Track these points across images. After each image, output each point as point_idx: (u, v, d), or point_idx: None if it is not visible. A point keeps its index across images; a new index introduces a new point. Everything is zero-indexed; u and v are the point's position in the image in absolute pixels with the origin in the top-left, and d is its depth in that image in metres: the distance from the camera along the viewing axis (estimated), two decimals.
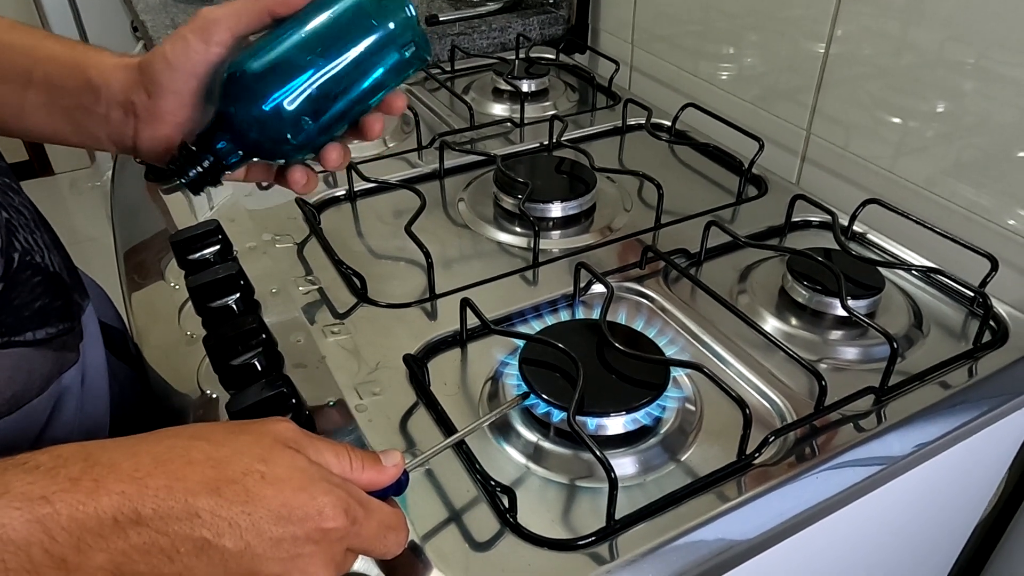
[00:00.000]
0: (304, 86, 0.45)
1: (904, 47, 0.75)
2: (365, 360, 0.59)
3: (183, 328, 0.64)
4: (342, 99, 0.47)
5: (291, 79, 0.45)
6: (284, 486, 0.35)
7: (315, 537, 0.35)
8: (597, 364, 0.55)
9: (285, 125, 0.45)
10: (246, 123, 0.45)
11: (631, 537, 0.46)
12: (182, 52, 0.45)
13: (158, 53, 0.46)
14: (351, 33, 0.46)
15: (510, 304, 0.65)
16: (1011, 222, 0.69)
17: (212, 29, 0.45)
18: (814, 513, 0.51)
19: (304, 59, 0.45)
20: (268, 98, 0.44)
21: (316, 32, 0.46)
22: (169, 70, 0.46)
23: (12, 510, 0.30)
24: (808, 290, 0.65)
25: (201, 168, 0.45)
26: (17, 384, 0.44)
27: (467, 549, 0.46)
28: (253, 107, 0.44)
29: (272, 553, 0.34)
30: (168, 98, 0.46)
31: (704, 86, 1.01)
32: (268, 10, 0.46)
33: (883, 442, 0.54)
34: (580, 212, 0.79)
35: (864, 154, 0.81)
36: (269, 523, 0.34)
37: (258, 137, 0.45)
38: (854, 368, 0.61)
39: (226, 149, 0.45)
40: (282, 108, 0.45)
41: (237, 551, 0.33)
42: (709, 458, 0.52)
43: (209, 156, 0.45)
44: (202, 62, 0.46)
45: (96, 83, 0.47)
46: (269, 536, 0.34)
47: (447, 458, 0.51)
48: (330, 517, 0.35)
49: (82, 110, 0.48)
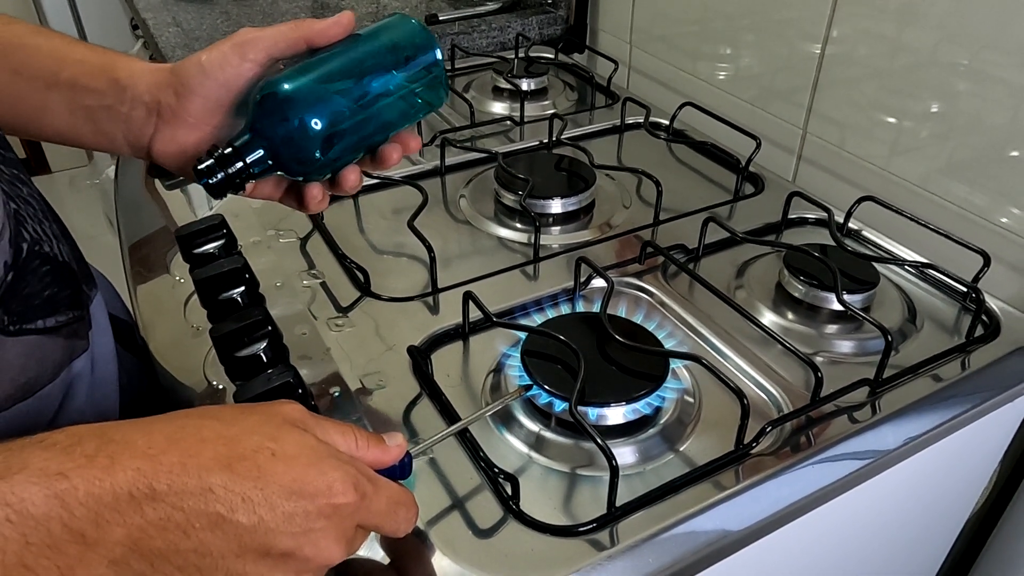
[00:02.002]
0: (334, 111, 0.48)
1: (899, 48, 0.76)
2: (369, 352, 0.60)
3: (189, 321, 0.64)
4: (366, 127, 0.50)
5: (323, 103, 0.48)
6: (294, 462, 0.36)
7: (326, 512, 0.36)
8: (598, 356, 0.56)
9: (312, 144, 0.48)
10: (277, 138, 0.47)
11: (631, 524, 0.47)
12: (218, 62, 0.48)
13: (193, 59, 0.48)
14: (382, 69, 0.50)
15: (511, 298, 0.66)
16: (1003, 219, 0.70)
17: (250, 47, 0.48)
18: (809, 502, 0.52)
19: (337, 87, 0.48)
20: (300, 118, 0.47)
21: (350, 64, 0.49)
22: (202, 75, 0.48)
23: (31, 485, 0.30)
24: (804, 285, 0.66)
25: (228, 173, 0.47)
26: (30, 371, 0.45)
27: (471, 535, 0.47)
28: (286, 124, 0.47)
29: (285, 527, 0.35)
30: (196, 102, 0.48)
31: (702, 86, 1.02)
32: (306, 39, 0.48)
33: (877, 433, 0.55)
34: (580, 208, 0.80)
35: (859, 153, 0.83)
36: (281, 498, 0.35)
37: (286, 152, 0.48)
38: (849, 361, 0.62)
39: (255, 159, 0.47)
40: (312, 128, 0.47)
41: (250, 525, 0.34)
42: (707, 448, 0.53)
43: (239, 163, 0.47)
44: (235, 75, 0.48)
45: (124, 82, 0.49)
46: (281, 511, 0.35)
47: (451, 447, 0.52)
48: (340, 492, 0.36)
49: (104, 110, 0.50)
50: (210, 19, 1.24)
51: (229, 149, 0.47)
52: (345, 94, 0.48)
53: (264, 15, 1.26)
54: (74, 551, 0.31)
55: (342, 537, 0.37)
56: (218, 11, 1.29)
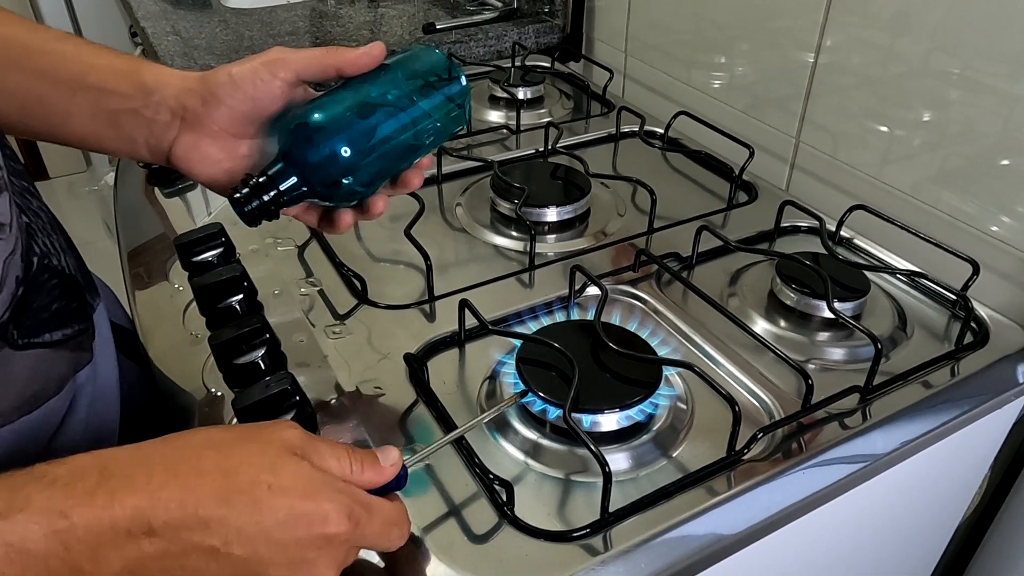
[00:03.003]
0: (364, 141, 0.50)
1: (891, 58, 0.77)
2: (366, 359, 0.61)
3: (187, 328, 0.65)
4: (394, 155, 0.52)
5: (354, 133, 0.49)
6: (290, 494, 0.36)
7: (319, 543, 0.37)
8: (592, 363, 0.57)
9: (342, 172, 0.49)
10: (309, 166, 0.49)
11: (624, 529, 0.48)
12: (249, 77, 0.49)
13: (224, 70, 0.49)
14: (411, 100, 0.52)
15: (507, 306, 0.67)
16: (993, 228, 0.71)
17: (281, 66, 0.49)
18: (801, 507, 0.53)
19: (367, 118, 0.50)
20: (331, 147, 0.48)
21: (380, 95, 0.51)
22: (231, 86, 0.49)
23: (32, 524, 0.32)
24: (796, 293, 0.67)
25: (264, 200, 0.49)
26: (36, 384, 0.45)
27: (466, 541, 0.47)
28: (317, 153, 0.48)
29: (279, 558, 0.36)
30: (222, 111, 0.49)
31: (696, 94, 1.03)
32: (336, 67, 0.50)
33: (867, 439, 0.56)
34: (575, 217, 0.80)
35: (852, 162, 0.83)
36: (276, 530, 0.35)
37: (317, 180, 0.49)
38: (840, 368, 0.63)
39: (288, 187, 0.49)
40: (342, 156, 0.49)
41: (245, 557, 0.35)
42: (699, 454, 0.54)
43: (273, 191, 0.49)
44: (265, 92, 0.49)
45: (150, 86, 0.50)
46: (276, 541, 0.35)
47: (447, 454, 0.53)
48: (334, 522, 0.37)
49: (129, 113, 0.50)
50: (209, 28, 1.25)
51: (263, 178, 0.49)
52: (375, 124, 0.50)
53: (263, 24, 1.27)
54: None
55: (334, 563, 0.38)
56: (216, 20, 1.29)
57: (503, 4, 1.35)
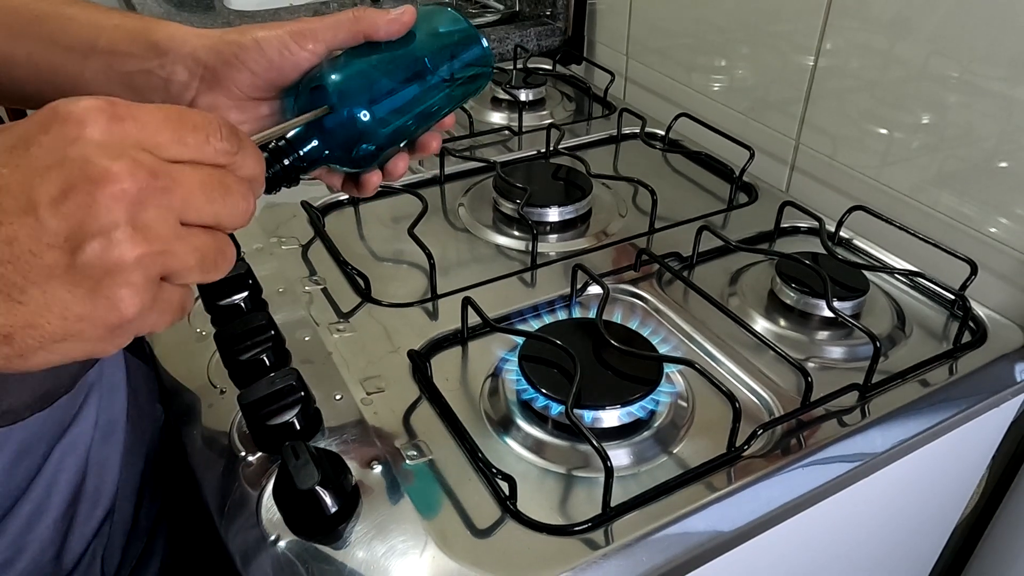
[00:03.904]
0: (384, 104, 0.48)
1: (890, 61, 0.77)
2: (370, 356, 0.61)
3: (193, 326, 0.66)
4: (414, 118, 0.51)
5: (374, 96, 0.48)
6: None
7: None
8: (593, 360, 0.58)
9: (362, 135, 0.48)
10: (328, 130, 0.47)
11: (625, 524, 0.49)
12: (276, 45, 0.47)
13: (249, 33, 0.47)
14: (433, 63, 0.51)
15: (509, 304, 0.68)
16: (991, 229, 0.71)
17: (310, 37, 0.47)
18: (799, 503, 0.53)
19: (388, 80, 0.49)
20: (350, 110, 0.47)
21: (402, 57, 0.50)
22: (257, 52, 0.47)
23: None
24: (796, 292, 0.67)
25: (284, 166, 0.47)
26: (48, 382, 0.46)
27: (469, 534, 0.48)
28: (336, 116, 0.47)
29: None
30: (245, 76, 0.47)
31: (697, 97, 1.04)
32: (364, 33, 0.48)
33: (866, 437, 0.56)
34: (576, 217, 0.81)
35: (851, 163, 0.84)
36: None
37: (337, 143, 0.48)
38: (839, 366, 0.63)
39: (307, 151, 0.47)
40: (361, 120, 0.48)
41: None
42: (700, 450, 0.55)
43: (292, 155, 0.47)
44: (291, 62, 0.47)
45: (163, 45, 0.47)
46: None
47: (450, 448, 0.53)
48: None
49: (143, 75, 0.48)
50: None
51: (283, 142, 0.47)
52: (396, 87, 0.49)
53: None
54: None
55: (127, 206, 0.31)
56: (220, 22, 1.30)
57: (505, 7, 1.35)
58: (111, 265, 0.30)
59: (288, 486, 0.47)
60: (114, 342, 0.32)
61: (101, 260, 0.30)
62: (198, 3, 1.43)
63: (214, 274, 0.34)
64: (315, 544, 0.47)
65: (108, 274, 0.30)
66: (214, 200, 0.33)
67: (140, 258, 0.30)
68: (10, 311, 0.29)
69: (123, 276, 0.30)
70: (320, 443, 0.53)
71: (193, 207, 0.32)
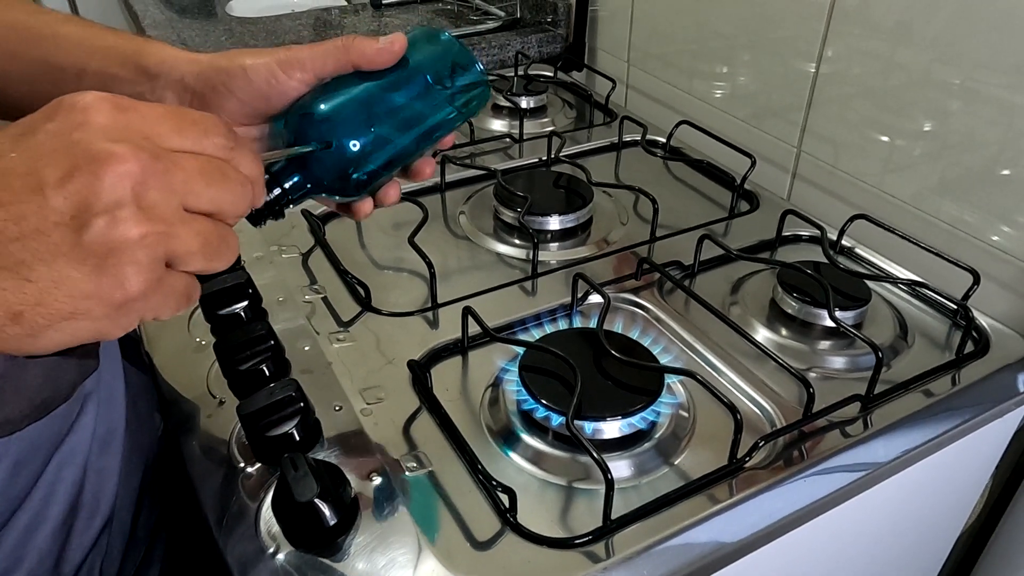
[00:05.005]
0: (373, 133, 0.47)
1: (892, 68, 0.77)
2: (370, 366, 0.61)
3: (192, 335, 0.65)
4: (405, 146, 0.50)
5: (362, 125, 0.47)
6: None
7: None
8: (594, 371, 0.57)
9: (350, 165, 0.47)
10: (315, 161, 0.47)
11: (626, 536, 0.48)
12: (263, 74, 0.46)
13: (237, 60, 0.47)
14: (424, 89, 0.50)
15: (510, 313, 0.68)
16: (994, 238, 0.71)
17: (297, 66, 0.47)
18: (802, 515, 0.53)
19: (377, 108, 0.48)
20: (338, 140, 0.46)
21: (392, 84, 0.49)
22: (244, 80, 0.46)
23: None
24: (798, 302, 0.67)
25: (267, 200, 0.46)
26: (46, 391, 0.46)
27: (469, 547, 0.48)
28: (328, 145, 0.46)
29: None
30: (232, 101, 0.47)
31: (698, 104, 1.04)
32: (353, 63, 0.48)
33: (869, 448, 0.56)
34: (577, 225, 0.81)
35: (853, 171, 0.84)
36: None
37: (324, 174, 0.47)
38: (841, 377, 0.63)
39: (293, 184, 0.47)
40: (350, 150, 0.47)
41: None
42: (701, 462, 0.54)
43: (277, 189, 0.46)
44: (278, 92, 0.47)
45: (153, 70, 0.47)
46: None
47: (450, 459, 0.53)
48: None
49: (135, 97, 0.48)
50: (214, 36, 1.26)
51: (266, 175, 0.45)
52: (385, 115, 0.48)
53: (267, 33, 1.28)
54: None
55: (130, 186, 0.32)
56: (222, 28, 1.30)
57: (506, 14, 1.35)
58: (116, 243, 0.31)
59: (287, 498, 0.46)
60: (119, 322, 0.33)
61: (106, 238, 0.31)
62: (200, 10, 1.44)
63: (217, 262, 0.35)
64: (314, 556, 0.47)
65: (113, 252, 0.31)
66: (213, 185, 0.34)
67: (144, 236, 0.32)
68: (19, 289, 0.31)
69: (128, 254, 0.31)
70: (319, 454, 0.53)
71: (193, 191, 0.33)
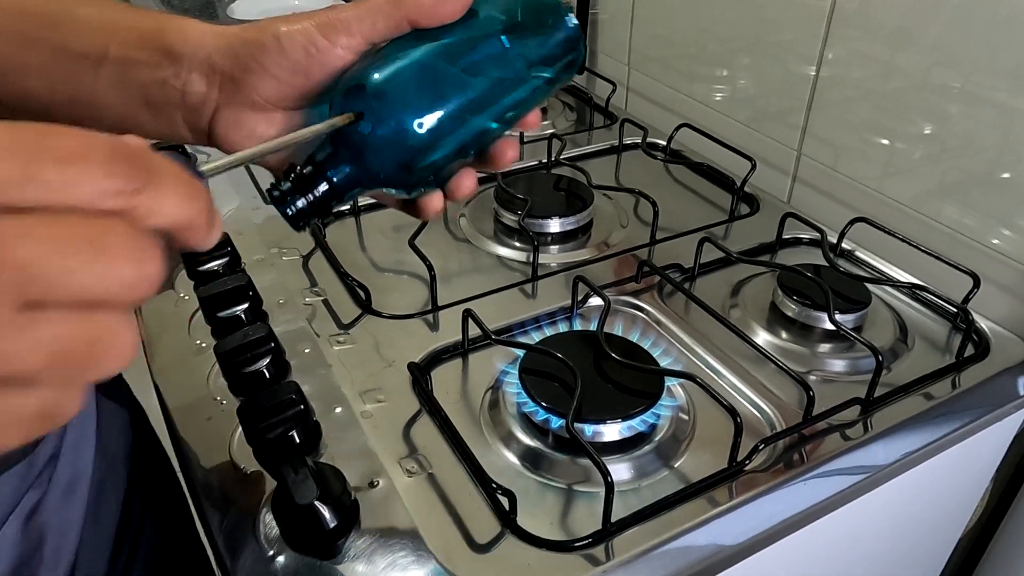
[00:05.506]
0: (442, 108, 0.38)
1: (892, 71, 0.77)
2: (370, 368, 0.61)
3: (193, 337, 0.65)
4: (482, 124, 0.40)
5: (429, 99, 0.38)
6: None
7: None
8: (594, 374, 0.57)
9: (415, 153, 0.38)
10: (370, 147, 0.38)
11: (626, 539, 0.48)
12: (301, 43, 0.38)
13: (269, 29, 0.39)
14: (506, 50, 0.40)
15: (510, 316, 0.68)
16: (994, 241, 0.71)
17: (343, 30, 0.39)
18: (802, 518, 0.53)
19: (446, 77, 0.39)
20: (398, 119, 0.37)
21: (462, 46, 0.39)
22: (278, 52, 0.39)
23: None
24: (798, 304, 0.67)
25: (311, 198, 0.38)
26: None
27: (469, 550, 0.48)
28: (381, 129, 0.37)
29: None
30: (267, 82, 0.39)
31: (698, 107, 1.04)
32: (409, 19, 0.39)
33: (868, 451, 0.56)
34: (578, 228, 0.81)
35: (853, 174, 0.84)
36: None
37: (382, 164, 0.38)
38: (841, 380, 0.63)
39: (344, 176, 0.38)
40: (414, 132, 0.38)
41: None
42: (701, 464, 0.54)
43: (323, 184, 0.38)
44: (319, 63, 0.39)
45: (177, 50, 0.40)
46: None
47: (450, 462, 0.53)
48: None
49: (158, 85, 0.41)
50: None
51: (309, 167, 0.38)
52: (456, 86, 0.39)
53: None
54: None
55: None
56: None
57: None
58: None
59: (287, 501, 0.46)
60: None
61: None
62: (202, 12, 1.44)
63: (89, 374, 0.24)
64: (314, 559, 0.47)
65: None
66: (80, 266, 0.22)
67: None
68: None
69: None
70: (319, 457, 0.53)
71: (41, 279, 0.21)
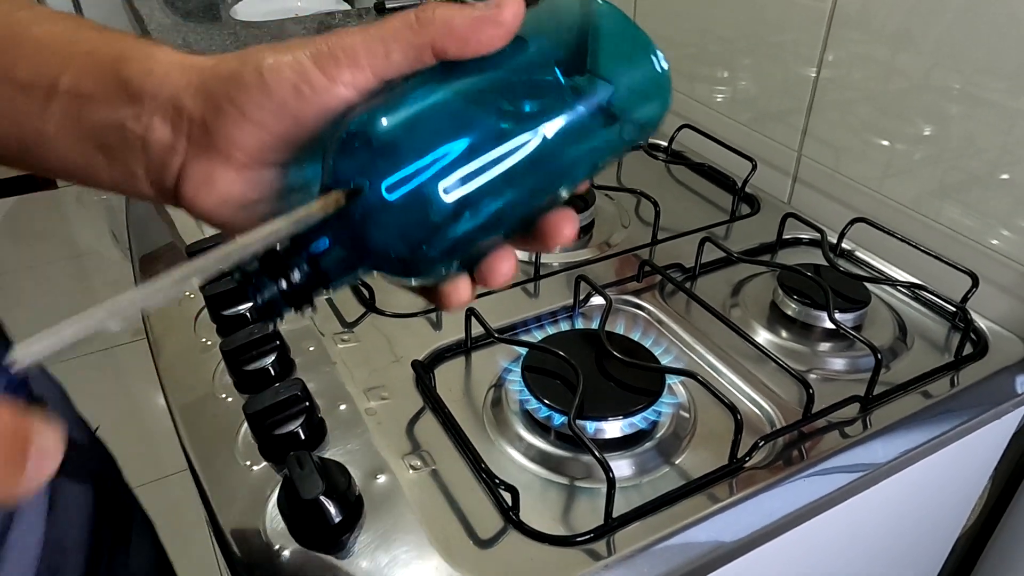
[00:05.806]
0: (485, 168, 0.28)
1: (893, 72, 0.78)
2: (374, 366, 0.62)
3: (198, 335, 0.66)
4: (534, 190, 0.30)
5: (468, 154, 0.28)
6: None
7: None
8: (596, 371, 0.58)
9: (433, 226, 0.28)
10: (378, 218, 0.28)
11: (627, 535, 0.49)
12: (290, 78, 0.29)
13: (251, 63, 0.30)
14: (569, 93, 0.30)
15: (512, 315, 0.68)
16: (993, 241, 0.72)
17: (345, 62, 0.29)
18: (801, 515, 0.53)
19: (489, 127, 0.29)
20: (423, 180, 0.28)
21: (512, 83, 0.30)
22: (261, 92, 0.30)
23: None
24: (798, 304, 0.68)
25: (286, 285, 0.28)
26: None
27: (471, 544, 0.48)
28: (395, 192, 0.27)
29: None
30: (244, 128, 0.30)
31: (699, 108, 1.04)
32: (435, 47, 0.29)
33: (868, 448, 0.56)
34: (579, 228, 0.81)
35: (853, 175, 0.84)
36: None
37: (387, 242, 0.28)
38: (841, 378, 0.63)
39: (331, 255, 0.28)
40: (437, 200, 0.28)
41: None
42: (702, 461, 0.55)
43: (302, 264, 0.28)
44: (314, 105, 0.30)
45: (136, 85, 0.32)
46: None
47: (453, 458, 0.54)
48: None
49: (116, 129, 0.32)
50: (219, 40, 1.27)
51: (285, 245, 0.29)
52: (496, 139, 0.29)
53: (272, 37, 1.29)
54: None
55: None
56: (227, 32, 1.31)
57: None
58: None
59: (292, 496, 0.47)
60: None
61: None
62: (205, 13, 1.45)
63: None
64: (319, 554, 0.47)
65: None
66: None
67: None
68: None
69: None
70: (324, 453, 0.54)
71: None
